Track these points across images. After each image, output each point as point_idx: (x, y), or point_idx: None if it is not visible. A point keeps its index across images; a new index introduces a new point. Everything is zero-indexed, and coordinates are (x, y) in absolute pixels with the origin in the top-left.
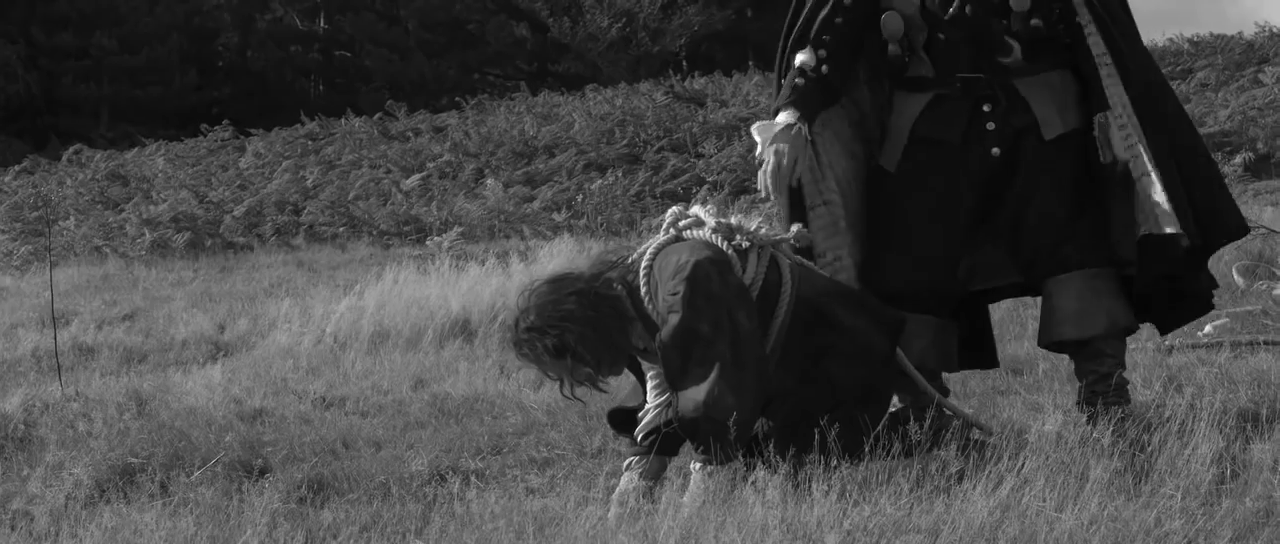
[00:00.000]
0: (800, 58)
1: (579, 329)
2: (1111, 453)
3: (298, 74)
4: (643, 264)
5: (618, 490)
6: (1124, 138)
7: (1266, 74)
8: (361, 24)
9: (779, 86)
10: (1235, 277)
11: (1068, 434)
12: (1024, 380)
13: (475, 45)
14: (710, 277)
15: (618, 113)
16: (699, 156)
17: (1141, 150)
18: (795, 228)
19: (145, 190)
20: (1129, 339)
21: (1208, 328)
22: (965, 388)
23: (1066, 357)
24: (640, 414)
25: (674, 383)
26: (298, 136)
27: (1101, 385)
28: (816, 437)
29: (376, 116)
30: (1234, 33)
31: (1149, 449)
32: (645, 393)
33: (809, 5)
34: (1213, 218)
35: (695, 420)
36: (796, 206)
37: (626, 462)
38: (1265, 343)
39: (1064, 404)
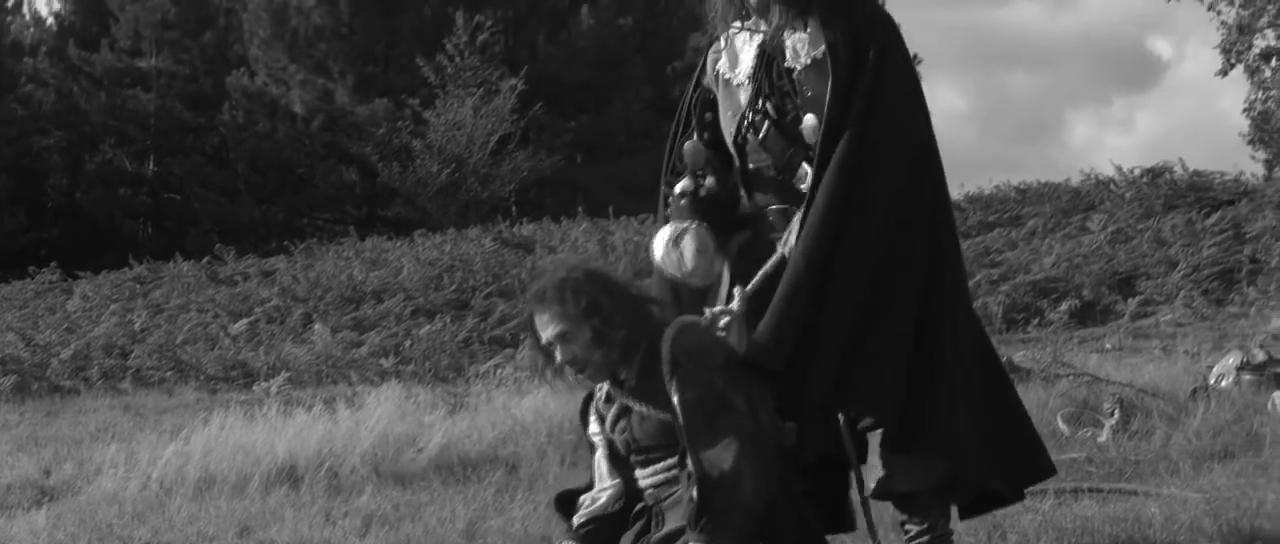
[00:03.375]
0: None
1: (616, 305)
2: None
3: (126, 216)
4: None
5: None
6: None
7: (1093, 221)
8: (191, 166)
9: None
10: (1060, 424)
11: None
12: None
13: (304, 189)
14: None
15: (446, 258)
16: None
17: None
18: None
19: None
20: None
21: None
22: None
23: (890, 504)
24: (582, 499)
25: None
26: (125, 280)
27: (926, 538)
28: None
29: (205, 260)
30: (1062, 180)
31: None
32: (594, 475)
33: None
34: None
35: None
36: None
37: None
38: (1089, 490)
39: None
